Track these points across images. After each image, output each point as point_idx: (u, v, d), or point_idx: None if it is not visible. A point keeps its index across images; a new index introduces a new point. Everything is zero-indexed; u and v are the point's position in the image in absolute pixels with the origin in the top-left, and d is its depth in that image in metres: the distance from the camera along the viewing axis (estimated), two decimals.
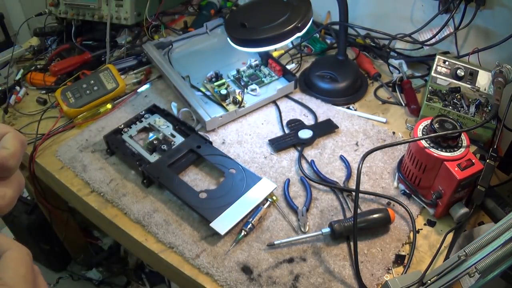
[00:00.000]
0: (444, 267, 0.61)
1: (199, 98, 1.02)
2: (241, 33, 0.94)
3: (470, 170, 0.74)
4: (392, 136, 0.98)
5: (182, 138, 0.94)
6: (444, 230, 0.80)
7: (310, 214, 0.83)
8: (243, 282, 0.72)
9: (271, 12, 0.95)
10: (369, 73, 1.14)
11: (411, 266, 0.75)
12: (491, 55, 1.00)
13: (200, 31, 1.25)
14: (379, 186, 0.87)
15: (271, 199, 0.83)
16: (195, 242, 0.78)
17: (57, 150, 0.97)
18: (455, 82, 0.98)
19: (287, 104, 1.06)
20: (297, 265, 0.75)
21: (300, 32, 0.92)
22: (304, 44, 1.23)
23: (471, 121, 0.92)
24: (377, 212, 0.79)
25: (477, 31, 1.04)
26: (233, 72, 1.11)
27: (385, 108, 1.06)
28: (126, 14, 1.18)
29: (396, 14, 1.17)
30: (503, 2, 0.96)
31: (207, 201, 0.81)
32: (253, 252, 0.76)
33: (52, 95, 1.09)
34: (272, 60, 1.10)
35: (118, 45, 1.23)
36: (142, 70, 1.17)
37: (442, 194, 0.78)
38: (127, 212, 0.83)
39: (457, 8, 1.01)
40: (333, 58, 1.12)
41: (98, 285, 1.56)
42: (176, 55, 1.19)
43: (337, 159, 0.93)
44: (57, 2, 1.21)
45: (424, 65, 1.15)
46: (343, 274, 0.74)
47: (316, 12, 1.26)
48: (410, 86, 1.06)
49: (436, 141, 0.77)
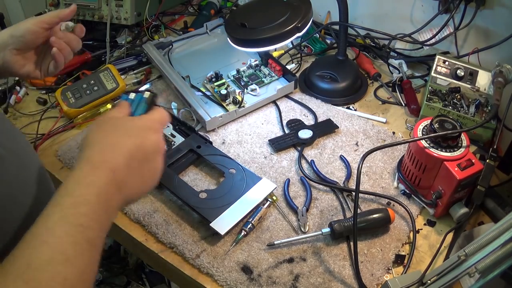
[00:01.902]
0: (444, 267, 0.61)
1: (199, 98, 1.02)
2: (241, 33, 0.94)
3: (470, 170, 0.74)
4: (392, 136, 0.98)
5: (182, 138, 0.94)
6: (444, 230, 0.80)
7: (310, 214, 0.83)
8: (243, 282, 0.72)
9: (271, 12, 0.95)
10: (369, 73, 1.14)
11: (411, 266, 0.75)
12: (491, 55, 1.00)
13: (200, 31, 1.25)
14: (379, 186, 0.87)
15: (271, 199, 0.83)
16: (195, 242, 0.78)
17: (58, 150, 0.97)
18: (455, 82, 0.98)
19: (287, 104, 1.06)
20: (297, 265, 0.75)
21: (300, 32, 0.92)
22: (304, 44, 1.23)
23: (471, 121, 0.92)
24: (377, 212, 0.79)
25: (477, 31, 1.04)
26: (233, 72, 1.11)
27: (385, 108, 1.06)
28: (126, 14, 1.18)
29: (396, 14, 1.17)
30: (503, 2, 0.96)
31: (207, 201, 0.81)
32: (253, 252, 0.76)
33: (52, 95, 1.09)
34: (272, 60, 1.10)
35: (118, 45, 1.23)
36: (142, 70, 1.17)
37: (442, 194, 0.78)
38: (127, 212, 0.83)
39: (457, 8, 1.01)
40: (333, 58, 1.12)
41: (98, 285, 1.56)
42: (176, 55, 1.20)
43: (337, 159, 0.93)
44: (57, 2, 1.21)
45: (424, 65, 1.15)
46: (343, 274, 0.74)
47: (316, 12, 1.26)
48: (410, 86, 1.06)
49: (436, 141, 0.77)
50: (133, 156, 0.50)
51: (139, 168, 0.51)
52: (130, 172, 0.50)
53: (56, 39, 0.74)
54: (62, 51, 0.74)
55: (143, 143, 0.52)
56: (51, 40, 0.73)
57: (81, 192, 0.46)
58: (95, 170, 0.48)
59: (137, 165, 0.51)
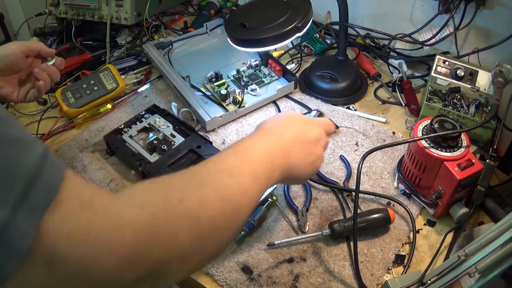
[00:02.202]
0: (444, 267, 0.61)
1: (199, 98, 1.02)
2: (241, 33, 0.94)
3: (470, 170, 0.74)
4: (392, 136, 0.98)
5: (182, 138, 0.94)
6: (444, 230, 0.80)
7: (310, 214, 0.83)
8: (243, 282, 0.72)
9: (271, 12, 0.95)
10: (369, 73, 1.14)
11: (411, 266, 0.75)
12: (491, 55, 1.00)
13: (200, 31, 1.25)
14: (379, 186, 0.87)
15: (271, 199, 0.83)
16: None
17: (58, 150, 0.97)
18: (455, 82, 0.98)
19: (287, 104, 1.06)
20: (297, 265, 0.75)
21: (300, 32, 0.92)
22: (304, 44, 1.23)
23: (471, 121, 0.92)
24: (377, 212, 0.79)
25: (477, 31, 1.04)
26: (233, 72, 1.11)
27: (385, 108, 1.06)
28: (126, 14, 1.18)
29: (396, 14, 1.17)
30: (503, 2, 0.96)
31: None
32: (253, 252, 0.76)
33: (52, 95, 1.09)
34: (272, 60, 1.10)
35: (118, 45, 1.23)
36: (142, 70, 1.17)
37: (442, 194, 0.78)
38: None
39: (457, 8, 1.01)
40: (333, 58, 1.12)
41: None
42: (176, 55, 1.20)
43: (337, 159, 0.93)
44: (57, 2, 1.21)
45: (424, 65, 1.15)
46: (343, 274, 0.74)
47: (316, 12, 1.26)
48: (410, 86, 1.06)
49: (436, 141, 0.77)
50: (298, 137, 0.62)
51: (302, 148, 0.62)
52: (294, 148, 0.61)
53: (39, 71, 0.81)
54: (45, 82, 0.82)
55: (308, 131, 0.64)
56: (35, 72, 0.81)
57: (253, 143, 0.58)
58: (266, 134, 0.61)
59: (300, 144, 0.62)
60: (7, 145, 0.32)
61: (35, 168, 0.33)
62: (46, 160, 0.34)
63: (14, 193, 0.31)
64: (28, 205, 0.31)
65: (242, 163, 0.53)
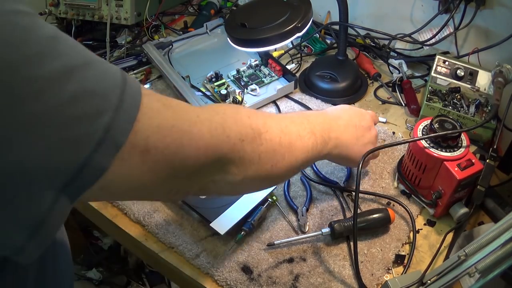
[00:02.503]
0: (444, 267, 0.61)
1: (199, 98, 1.02)
2: (241, 33, 0.94)
3: (470, 170, 0.74)
4: (392, 136, 0.98)
5: None
6: (444, 230, 0.80)
7: (310, 214, 0.83)
8: (243, 282, 0.72)
9: (271, 12, 0.95)
10: (369, 73, 1.14)
11: (411, 266, 0.75)
12: (491, 55, 1.00)
13: (200, 31, 1.25)
14: (379, 186, 0.87)
15: (271, 199, 0.83)
16: (195, 242, 0.78)
17: None
18: (455, 82, 0.98)
19: (287, 104, 1.06)
20: (297, 265, 0.75)
21: (300, 32, 0.92)
22: (304, 44, 1.23)
23: (471, 121, 0.92)
24: (377, 212, 0.79)
25: (477, 31, 1.04)
26: (233, 72, 1.11)
27: (385, 108, 1.06)
28: (126, 14, 1.18)
29: (396, 14, 1.17)
30: (503, 2, 0.96)
31: (207, 201, 0.81)
32: (253, 252, 0.76)
33: None
34: (272, 60, 1.10)
35: (118, 45, 1.23)
36: (142, 70, 1.17)
37: (442, 194, 0.78)
38: (127, 212, 0.83)
39: (457, 8, 1.01)
40: (333, 58, 1.12)
41: (98, 285, 1.56)
42: (176, 55, 1.20)
43: None
44: (57, 2, 1.21)
45: (424, 65, 1.15)
46: (343, 274, 0.74)
47: (316, 12, 1.26)
48: (410, 86, 1.06)
49: (436, 141, 0.77)
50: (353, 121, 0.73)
51: (356, 130, 0.72)
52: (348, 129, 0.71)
53: None
54: None
55: (362, 119, 0.75)
56: None
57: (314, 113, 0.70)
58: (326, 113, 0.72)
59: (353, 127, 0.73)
60: (98, 63, 0.38)
61: (123, 77, 0.39)
62: (124, 74, 0.41)
63: (114, 98, 0.37)
64: (125, 106, 0.38)
65: (302, 119, 0.64)
